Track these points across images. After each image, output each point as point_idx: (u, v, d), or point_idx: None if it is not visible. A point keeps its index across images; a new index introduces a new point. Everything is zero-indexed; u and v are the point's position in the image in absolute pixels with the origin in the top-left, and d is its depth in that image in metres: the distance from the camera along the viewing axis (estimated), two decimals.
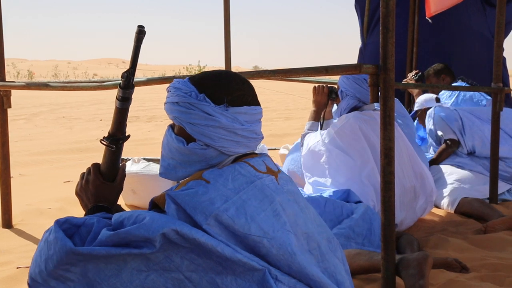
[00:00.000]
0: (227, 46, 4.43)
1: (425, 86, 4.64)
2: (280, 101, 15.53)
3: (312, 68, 2.20)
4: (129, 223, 1.24)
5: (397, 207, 2.52)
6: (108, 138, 1.52)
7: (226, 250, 1.21)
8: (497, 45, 3.45)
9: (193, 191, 1.27)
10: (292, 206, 1.37)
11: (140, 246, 1.21)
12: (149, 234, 1.19)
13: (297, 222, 1.35)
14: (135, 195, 3.66)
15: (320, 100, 3.37)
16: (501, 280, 2.26)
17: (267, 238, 1.25)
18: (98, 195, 1.53)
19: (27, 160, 5.93)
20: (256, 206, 1.29)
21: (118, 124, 1.51)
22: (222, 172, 1.33)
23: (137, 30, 1.42)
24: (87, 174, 1.56)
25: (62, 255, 1.24)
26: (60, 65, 54.86)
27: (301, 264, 1.26)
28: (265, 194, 1.32)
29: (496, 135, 3.46)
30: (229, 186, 1.30)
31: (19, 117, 11.39)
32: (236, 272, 1.21)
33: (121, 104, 1.49)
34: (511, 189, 3.75)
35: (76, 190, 1.58)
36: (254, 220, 1.26)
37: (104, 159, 1.54)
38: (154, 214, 1.25)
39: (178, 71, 39.72)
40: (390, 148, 1.96)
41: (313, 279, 1.27)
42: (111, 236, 1.23)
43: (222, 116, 1.35)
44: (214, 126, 1.35)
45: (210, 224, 1.23)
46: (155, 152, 6.03)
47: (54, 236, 1.27)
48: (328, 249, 1.41)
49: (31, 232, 3.20)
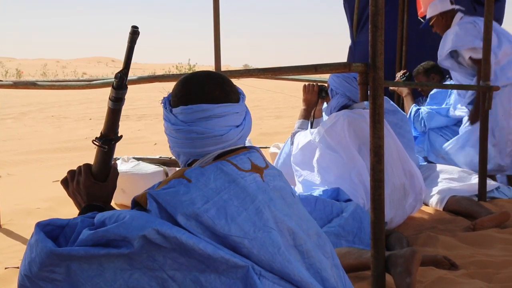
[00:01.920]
0: (217, 44, 4.41)
1: (414, 85, 4.67)
2: (270, 100, 15.54)
3: (302, 67, 2.19)
4: (111, 222, 1.24)
5: (387, 205, 2.53)
6: (100, 138, 1.51)
7: (208, 247, 1.20)
8: (485, 43, 3.47)
9: (174, 190, 1.27)
10: (278, 203, 1.37)
11: (119, 246, 1.21)
12: (127, 233, 1.19)
13: (282, 218, 1.34)
14: (125, 194, 3.64)
15: (310, 98, 3.37)
16: (489, 277, 2.28)
17: (247, 239, 1.25)
18: (90, 195, 1.52)
19: (16, 160, 5.89)
20: (237, 205, 1.29)
21: (111, 125, 1.50)
22: (204, 171, 1.32)
23: (131, 30, 1.40)
24: (77, 175, 1.55)
25: (43, 257, 1.23)
26: (49, 64, 54.56)
27: (283, 263, 1.26)
28: (247, 193, 1.32)
29: (485, 133, 3.48)
30: (211, 186, 1.29)
31: (8, 116, 11.32)
32: (219, 270, 1.21)
33: (114, 105, 1.48)
34: (499, 186, 3.77)
35: (69, 193, 1.58)
36: (235, 221, 1.26)
37: (96, 159, 1.54)
38: (135, 213, 1.24)
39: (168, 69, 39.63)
40: (379, 146, 1.96)
41: (294, 279, 1.27)
42: (91, 235, 1.22)
43: (168, 118, 1.42)
44: (168, 129, 1.43)
45: (191, 225, 1.23)
46: (144, 151, 6.01)
47: (35, 239, 1.26)
48: (316, 245, 1.41)
49: (20, 232, 3.18)
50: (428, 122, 4.39)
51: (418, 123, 4.45)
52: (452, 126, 4.37)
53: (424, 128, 4.42)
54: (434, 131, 4.41)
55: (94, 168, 1.55)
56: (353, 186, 2.85)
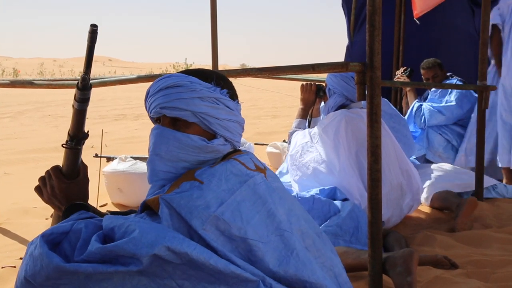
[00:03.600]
0: (214, 43, 4.41)
1: (412, 85, 4.67)
2: (267, 99, 15.53)
3: (299, 66, 2.19)
4: (120, 232, 1.21)
5: (384, 204, 2.53)
6: (71, 140, 1.51)
7: (219, 262, 1.18)
8: (482, 43, 3.47)
9: (188, 194, 1.25)
10: (284, 204, 1.37)
11: (127, 263, 1.18)
12: (136, 250, 1.16)
13: (291, 220, 1.34)
14: (122, 193, 3.64)
15: (308, 98, 3.37)
16: (486, 277, 2.28)
17: (262, 242, 1.24)
18: (68, 196, 1.50)
19: (13, 159, 5.88)
20: (250, 208, 1.28)
21: (79, 125, 1.51)
22: (214, 171, 1.31)
23: (90, 29, 1.37)
24: (49, 179, 1.52)
25: (50, 271, 1.20)
26: (46, 63, 54.43)
27: (297, 266, 1.25)
28: (258, 195, 1.31)
29: (482, 133, 3.49)
30: (223, 187, 1.28)
31: (4, 115, 11.29)
32: (229, 283, 1.19)
33: (79, 106, 1.47)
34: (495, 185, 3.78)
35: (44, 199, 1.54)
36: (249, 223, 1.25)
37: (67, 160, 1.53)
38: (144, 225, 1.21)
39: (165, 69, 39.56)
40: (376, 145, 1.96)
41: (309, 281, 1.26)
42: (99, 249, 1.19)
43: (237, 111, 1.45)
44: (234, 121, 1.42)
45: (206, 229, 1.21)
46: (142, 150, 6.00)
47: (39, 252, 1.22)
48: (321, 243, 1.41)
49: (17, 231, 3.17)
50: (428, 120, 4.40)
51: (418, 118, 4.45)
52: (452, 125, 4.37)
53: (424, 124, 4.43)
54: (433, 129, 4.41)
55: (65, 169, 1.53)
56: (350, 185, 2.85)
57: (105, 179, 3.71)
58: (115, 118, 10.95)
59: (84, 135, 1.52)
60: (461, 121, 4.42)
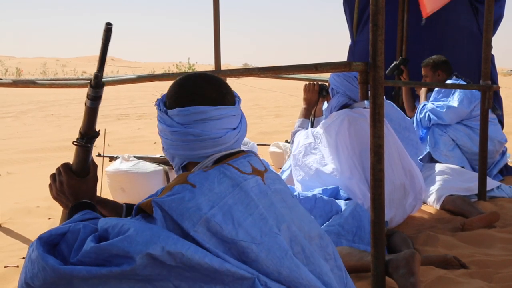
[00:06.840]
0: (217, 43, 4.42)
1: (414, 84, 4.66)
2: (270, 99, 15.53)
3: (302, 66, 2.19)
4: (114, 232, 1.22)
5: (387, 204, 2.53)
6: (82, 138, 1.53)
7: (214, 261, 1.18)
8: (485, 42, 3.47)
9: (179, 197, 1.25)
10: (279, 206, 1.36)
11: (120, 263, 1.18)
12: (130, 248, 1.16)
13: (280, 227, 1.33)
14: (124, 193, 3.64)
15: (311, 97, 3.37)
16: (490, 277, 2.28)
17: (255, 243, 1.24)
18: (76, 193, 1.52)
19: (15, 158, 5.89)
20: (243, 211, 1.28)
21: (91, 123, 1.52)
22: (207, 175, 1.31)
23: (105, 27, 1.38)
24: (58, 176, 1.55)
25: (46, 274, 1.21)
26: (49, 63, 54.48)
27: (291, 267, 1.25)
28: (251, 198, 1.31)
29: (485, 132, 3.48)
30: (215, 190, 1.28)
31: (7, 115, 11.29)
32: (225, 281, 1.19)
33: (92, 103, 1.49)
34: (500, 185, 3.77)
35: (53, 194, 1.56)
36: (241, 226, 1.25)
37: (77, 158, 1.55)
38: (139, 225, 1.22)
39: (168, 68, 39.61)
40: (379, 145, 1.96)
41: (302, 283, 1.26)
42: (94, 248, 1.20)
43: (162, 119, 1.42)
44: (163, 131, 1.43)
45: (198, 231, 1.21)
46: (144, 150, 6.00)
47: (36, 255, 1.23)
48: (317, 248, 1.41)
49: (19, 231, 3.18)
50: (432, 119, 4.39)
51: (424, 117, 4.45)
52: (456, 124, 4.35)
53: (428, 123, 4.42)
54: (438, 128, 4.40)
55: (75, 167, 1.55)
56: (352, 185, 2.84)
57: (108, 178, 3.71)
58: (118, 117, 10.95)
59: (95, 133, 1.54)
60: (465, 121, 4.40)
